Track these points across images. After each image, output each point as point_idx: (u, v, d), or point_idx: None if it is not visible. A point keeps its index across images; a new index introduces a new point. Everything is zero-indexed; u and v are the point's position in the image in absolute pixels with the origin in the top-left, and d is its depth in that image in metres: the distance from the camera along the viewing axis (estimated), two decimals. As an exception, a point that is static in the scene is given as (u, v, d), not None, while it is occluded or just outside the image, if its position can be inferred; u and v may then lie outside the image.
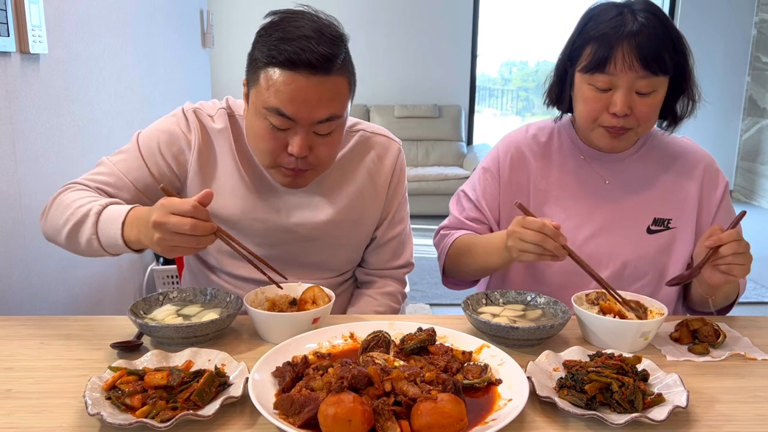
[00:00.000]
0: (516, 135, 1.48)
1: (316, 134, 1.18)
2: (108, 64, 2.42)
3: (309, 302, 1.17)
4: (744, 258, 1.14)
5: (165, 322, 1.11)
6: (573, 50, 1.30)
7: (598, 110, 1.28)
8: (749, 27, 6.39)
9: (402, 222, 1.45)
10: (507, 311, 1.20)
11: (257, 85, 1.16)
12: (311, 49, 1.09)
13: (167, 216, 1.00)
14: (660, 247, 1.37)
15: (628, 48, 1.21)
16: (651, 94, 1.25)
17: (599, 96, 1.27)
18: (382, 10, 6.11)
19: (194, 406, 0.85)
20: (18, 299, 1.71)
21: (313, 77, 1.11)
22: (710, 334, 1.12)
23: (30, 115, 1.79)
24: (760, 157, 6.35)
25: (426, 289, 3.91)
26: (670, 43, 1.23)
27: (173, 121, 1.33)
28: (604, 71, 1.24)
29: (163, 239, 1.01)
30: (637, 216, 1.38)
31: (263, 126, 1.17)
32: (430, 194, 5.58)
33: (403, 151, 1.44)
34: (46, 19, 1.86)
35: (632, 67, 1.21)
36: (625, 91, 1.24)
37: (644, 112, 1.26)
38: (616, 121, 1.27)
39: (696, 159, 1.41)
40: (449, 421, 0.78)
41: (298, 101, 1.12)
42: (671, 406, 0.85)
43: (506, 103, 11.26)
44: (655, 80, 1.24)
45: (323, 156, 1.21)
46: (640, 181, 1.40)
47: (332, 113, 1.16)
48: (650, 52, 1.21)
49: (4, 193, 1.65)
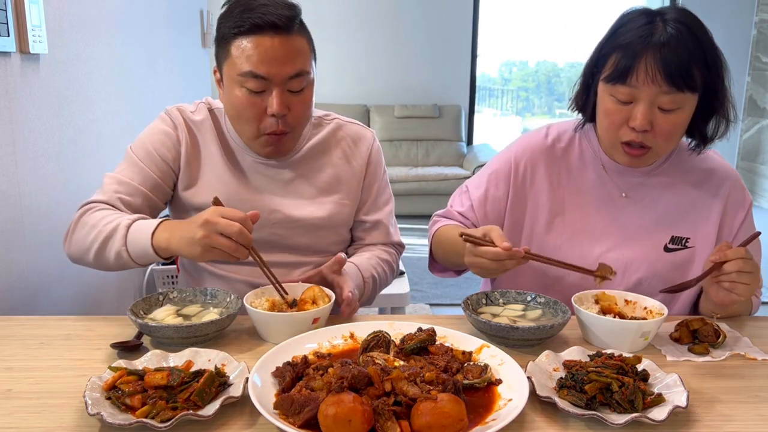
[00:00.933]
0: (534, 139, 1.42)
1: (290, 92, 1.27)
2: (108, 64, 2.42)
3: (309, 302, 1.17)
4: (749, 278, 1.11)
5: (165, 322, 1.11)
6: (599, 57, 1.24)
7: (618, 123, 1.23)
8: (749, 27, 6.39)
9: (387, 204, 1.53)
10: (507, 311, 1.20)
11: (229, 58, 1.26)
12: (272, 12, 1.22)
13: (218, 217, 1.09)
14: (676, 266, 1.32)
15: (653, 60, 1.14)
16: (675, 111, 1.18)
17: (620, 109, 1.21)
18: (382, 10, 6.11)
19: (194, 406, 0.85)
20: (18, 299, 1.71)
21: (277, 36, 1.22)
22: (710, 334, 1.12)
23: (30, 115, 1.79)
24: (760, 157, 6.35)
25: (426, 289, 3.91)
26: (701, 57, 1.15)
27: (158, 122, 1.40)
28: (625, 83, 1.17)
29: (207, 237, 1.08)
30: (655, 233, 1.33)
31: (240, 94, 1.26)
32: (430, 194, 5.58)
33: (377, 139, 1.52)
34: (46, 19, 1.86)
35: (655, 80, 1.15)
36: (646, 105, 1.17)
37: (666, 129, 1.19)
38: (635, 136, 1.21)
39: (722, 176, 1.35)
40: (449, 421, 0.78)
41: (268, 60, 1.22)
42: (671, 406, 0.85)
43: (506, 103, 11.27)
44: (681, 97, 1.16)
45: (299, 114, 1.30)
46: (660, 196, 1.34)
47: (301, 68, 1.26)
48: (676, 66, 1.13)
49: (4, 193, 1.65)
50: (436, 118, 6.16)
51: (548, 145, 1.40)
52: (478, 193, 1.43)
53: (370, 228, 1.50)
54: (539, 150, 1.40)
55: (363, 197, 1.48)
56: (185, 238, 1.11)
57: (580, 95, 1.33)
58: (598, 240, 1.34)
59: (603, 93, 1.24)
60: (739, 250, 1.11)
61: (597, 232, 1.34)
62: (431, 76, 6.31)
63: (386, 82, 6.25)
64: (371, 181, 1.48)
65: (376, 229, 1.50)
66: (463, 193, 1.48)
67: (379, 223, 1.50)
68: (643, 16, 1.19)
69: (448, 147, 6.14)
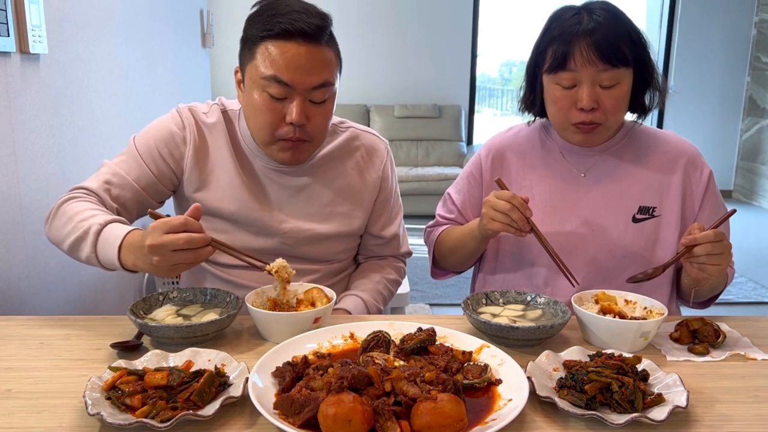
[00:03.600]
0: (497, 137, 1.54)
1: (311, 103, 1.24)
2: (108, 64, 2.42)
3: (308, 303, 1.17)
4: (719, 258, 1.15)
5: (165, 322, 1.11)
6: (538, 54, 1.35)
7: (566, 108, 1.31)
8: (749, 27, 6.39)
9: (398, 215, 1.54)
10: (507, 311, 1.20)
11: (253, 61, 1.23)
12: (303, 20, 1.19)
13: (161, 237, 1.03)
14: (646, 236, 1.38)
15: (586, 44, 1.26)
16: (615, 86, 1.29)
17: (566, 94, 1.31)
18: (382, 10, 6.11)
19: (194, 406, 0.85)
20: (18, 299, 1.71)
21: (305, 45, 1.20)
22: (710, 334, 1.12)
23: (30, 115, 1.79)
24: (760, 157, 6.35)
25: (426, 289, 3.91)
26: (627, 36, 1.28)
27: (167, 119, 1.38)
28: (566, 68, 1.28)
29: (162, 260, 1.04)
30: (621, 206, 1.39)
31: (261, 98, 1.23)
32: (430, 194, 5.58)
33: (390, 150, 1.51)
34: (46, 19, 1.86)
35: (591, 61, 1.26)
36: (588, 85, 1.28)
37: (611, 104, 1.30)
38: (585, 116, 1.30)
39: (678, 150, 1.42)
40: (449, 421, 0.78)
41: (293, 67, 1.20)
42: (671, 406, 0.85)
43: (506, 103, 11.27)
44: (617, 72, 1.27)
45: (319, 125, 1.27)
46: (620, 172, 1.41)
47: (326, 79, 1.23)
48: (607, 46, 1.25)
49: (4, 193, 1.65)
50: (436, 118, 6.16)
51: (510, 140, 1.51)
52: (460, 198, 1.53)
53: (383, 244, 1.51)
54: (504, 144, 1.50)
55: (377, 213, 1.47)
56: (147, 264, 1.07)
57: (527, 95, 1.44)
58: (567, 219, 1.41)
59: (548, 84, 1.34)
60: (708, 234, 1.15)
61: (565, 211, 1.41)
62: (431, 76, 6.31)
63: (386, 82, 6.25)
64: (386, 198, 1.48)
65: (389, 243, 1.51)
66: (447, 201, 1.58)
67: (394, 237, 1.51)
68: (570, 10, 1.32)
69: (448, 147, 6.14)
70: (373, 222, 1.48)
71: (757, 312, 3.75)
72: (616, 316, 1.13)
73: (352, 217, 1.42)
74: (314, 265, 1.41)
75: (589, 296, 1.20)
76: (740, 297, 3.91)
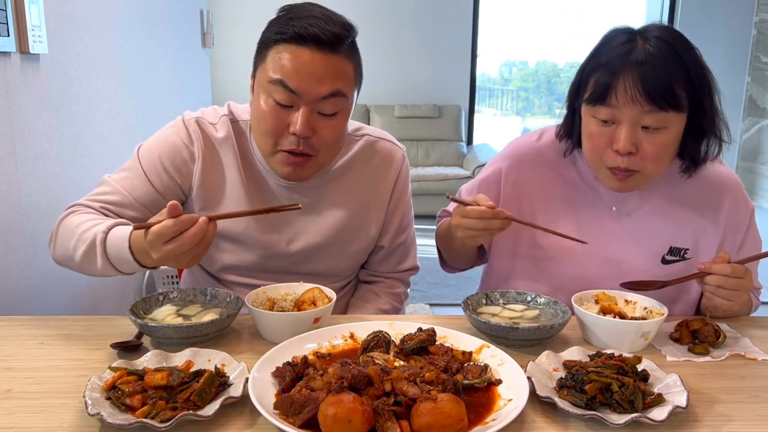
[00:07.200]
0: (524, 145, 1.39)
1: (320, 114, 1.17)
2: (108, 64, 2.42)
3: (308, 303, 1.17)
4: (730, 294, 1.12)
5: (165, 322, 1.11)
6: (582, 79, 1.21)
7: (601, 146, 1.18)
8: (749, 27, 6.38)
9: (408, 228, 1.45)
10: (507, 311, 1.20)
11: (263, 63, 1.17)
12: (319, 26, 1.13)
13: (162, 248, 1.00)
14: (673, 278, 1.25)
15: (631, 78, 1.11)
16: (660, 131, 1.14)
17: (602, 131, 1.17)
18: (382, 10, 6.11)
19: (194, 406, 0.85)
20: (18, 299, 1.71)
21: (319, 52, 1.13)
22: (710, 335, 1.12)
23: (30, 115, 1.79)
24: (760, 157, 6.35)
25: (426, 289, 3.91)
26: (684, 75, 1.12)
27: (173, 132, 1.29)
28: (605, 103, 1.14)
29: (177, 262, 1.03)
30: (652, 245, 1.29)
31: (266, 104, 1.16)
32: (430, 194, 5.57)
33: (407, 157, 1.43)
34: (46, 19, 1.86)
35: (635, 99, 1.11)
36: (628, 126, 1.13)
37: (652, 151, 1.14)
38: (620, 160, 1.16)
39: (722, 186, 1.29)
40: (449, 421, 0.78)
41: (302, 73, 1.13)
42: (671, 406, 0.85)
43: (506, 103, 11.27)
44: (664, 116, 1.12)
45: (327, 139, 1.19)
46: (653, 207, 1.30)
47: (337, 89, 1.15)
48: (656, 84, 1.10)
49: (4, 193, 1.65)
50: (436, 118, 6.16)
51: (539, 150, 1.37)
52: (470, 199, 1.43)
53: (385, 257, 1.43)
54: (529, 156, 1.37)
55: (385, 223, 1.39)
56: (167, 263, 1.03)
57: (567, 120, 1.29)
58: (591, 253, 1.29)
59: (586, 115, 1.20)
60: (725, 267, 1.10)
61: (590, 245, 1.26)
62: (431, 76, 6.31)
63: (386, 82, 6.25)
64: (396, 206, 1.40)
65: (391, 256, 1.44)
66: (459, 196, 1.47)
67: (398, 248, 1.43)
68: (623, 35, 1.17)
69: (448, 147, 6.14)
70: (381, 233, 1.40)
71: (757, 312, 3.74)
72: (616, 316, 1.13)
73: (366, 233, 1.37)
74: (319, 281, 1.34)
75: (589, 296, 1.20)
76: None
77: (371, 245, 1.41)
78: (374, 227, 1.38)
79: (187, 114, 1.32)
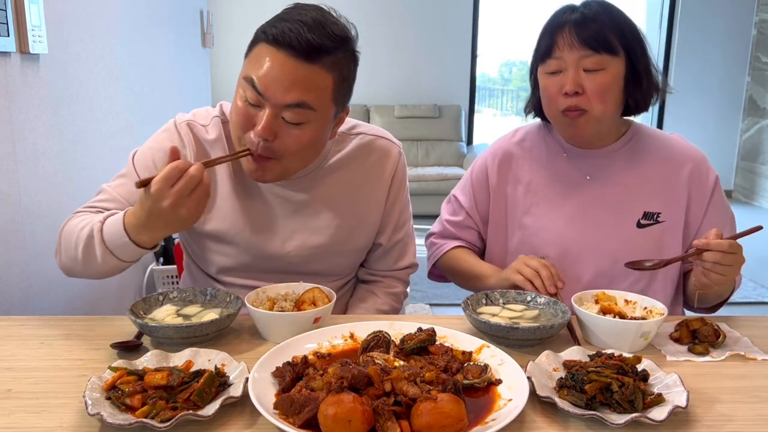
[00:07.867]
0: (503, 141, 1.54)
1: (284, 121, 1.14)
2: (108, 64, 2.42)
3: (308, 303, 1.17)
4: (726, 269, 1.15)
5: (165, 322, 1.11)
6: (536, 51, 1.37)
7: (554, 95, 1.32)
8: (749, 27, 6.38)
9: (405, 225, 1.44)
10: (507, 311, 1.20)
11: (248, 58, 1.17)
12: (299, 33, 1.09)
13: (170, 191, 1.01)
14: (651, 242, 1.37)
15: (569, 31, 1.29)
16: (599, 71, 1.29)
17: (553, 81, 1.32)
18: (382, 10, 6.11)
19: (194, 406, 0.85)
20: (18, 299, 1.71)
21: (292, 59, 1.10)
22: (710, 334, 1.12)
23: (30, 115, 1.79)
24: (760, 157, 6.35)
25: (426, 289, 3.91)
26: (615, 25, 1.29)
27: (166, 137, 1.30)
28: (551, 56, 1.31)
29: (188, 209, 1.03)
30: (626, 211, 1.39)
31: (240, 99, 1.16)
32: (430, 194, 5.57)
33: (403, 153, 1.43)
34: (46, 19, 1.86)
35: (573, 45, 1.28)
36: (572, 69, 1.29)
37: (595, 89, 1.29)
38: (570, 101, 1.30)
39: (684, 155, 1.41)
40: (449, 421, 0.78)
41: (270, 77, 1.11)
42: (671, 406, 0.85)
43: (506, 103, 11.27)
44: (601, 58, 1.28)
45: (289, 146, 1.16)
46: (626, 176, 1.40)
47: (303, 100, 1.12)
48: (590, 31, 1.28)
49: (4, 193, 1.65)
50: (436, 118, 6.16)
51: (515, 144, 1.51)
52: (468, 200, 1.53)
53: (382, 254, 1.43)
54: (508, 149, 1.51)
55: (383, 221, 1.39)
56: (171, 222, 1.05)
57: (530, 98, 1.46)
58: (572, 222, 1.41)
59: (540, 77, 1.36)
60: (723, 243, 1.14)
61: (570, 215, 1.41)
62: (431, 76, 6.31)
63: (386, 82, 6.25)
64: (394, 203, 1.40)
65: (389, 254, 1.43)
66: (452, 202, 1.58)
67: (396, 245, 1.43)
68: (564, 7, 1.35)
69: (448, 147, 6.14)
70: (379, 231, 1.40)
71: (757, 312, 3.75)
72: (616, 316, 1.13)
73: (362, 231, 1.36)
74: (320, 280, 1.34)
75: (589, 296, 1.20)
76: (740, 297, 3.91)
77: (369, 243, 1.41)
78: (371, 225, 1.38)
79: (179, 117, 1.32)
